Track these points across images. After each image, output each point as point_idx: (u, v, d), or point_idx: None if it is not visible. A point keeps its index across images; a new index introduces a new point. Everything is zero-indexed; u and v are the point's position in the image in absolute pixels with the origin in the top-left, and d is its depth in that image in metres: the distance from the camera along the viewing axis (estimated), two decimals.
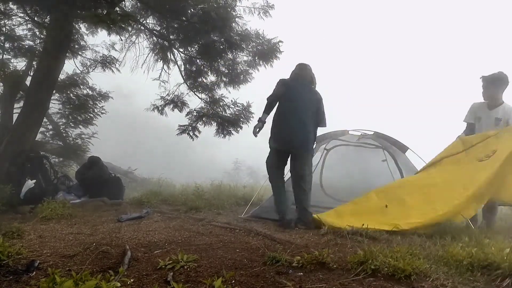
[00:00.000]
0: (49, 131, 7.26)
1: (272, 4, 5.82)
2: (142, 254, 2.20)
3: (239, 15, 5.67)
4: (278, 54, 6.13)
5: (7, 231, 2.67)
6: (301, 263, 1.97)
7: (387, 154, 4.87)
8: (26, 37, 6.31)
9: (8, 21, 5.88)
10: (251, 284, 1.73)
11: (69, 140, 7.13)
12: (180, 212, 4.08)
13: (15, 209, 4.17)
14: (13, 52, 6.12)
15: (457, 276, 1.85)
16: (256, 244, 2.49)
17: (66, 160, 7.40)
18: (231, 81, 6.66)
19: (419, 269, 1.83)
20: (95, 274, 1.76)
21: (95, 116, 7.06)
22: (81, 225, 3.26)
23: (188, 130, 6.85)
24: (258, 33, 6.00)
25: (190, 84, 6.81)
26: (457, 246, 2.23)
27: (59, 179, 5.35)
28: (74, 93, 7.01)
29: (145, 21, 6.37)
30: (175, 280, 1.72)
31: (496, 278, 1.80)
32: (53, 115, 7.17)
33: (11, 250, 1.94)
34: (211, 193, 5.44)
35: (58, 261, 2.05)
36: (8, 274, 1.77)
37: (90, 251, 2.25)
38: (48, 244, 2.46)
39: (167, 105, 6.93)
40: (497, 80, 3.77)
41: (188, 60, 6.69)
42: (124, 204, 4.57)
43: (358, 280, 1.78)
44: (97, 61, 6.89)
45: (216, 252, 2.29)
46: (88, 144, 7.21)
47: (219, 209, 4.34)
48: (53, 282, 1.47)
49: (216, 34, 5.57)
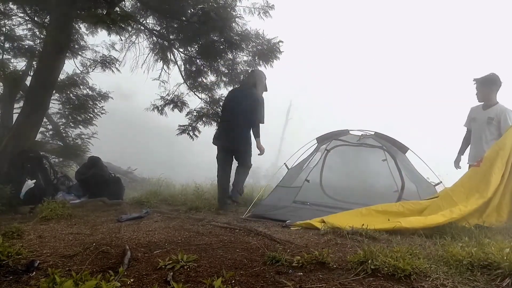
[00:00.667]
0: (49, 131, 7.25)
1: (272, 4, 5.82)
2: (142, 254, 2.20)
3: (239, 15, 5.66)
4: (278, 54, 6.12)
5: (7, 231, 2.67)
6: (301, 263, 1.97)
7: (387, 154, 4.88)
8: (26, 37, 6.32)
9: (8, 21, 5.88)
10: (251, 284, 1.73)
11: (69, 140, 7.13)
12: (180, 212, 4.08)
13: (15, 209, 4.17)
14: (13, 52, 6.12)
15: (457, 276, 1.85)
16: (256, 244, 2.48)
17: (66, 160, 7.40)
18: (231, 81, 6.66)
19: (419, 268, 1.83)
20: (95, 274, 1.76)
21: (95, 116, 7.07)
22: (81, 225, 3.26)
23: (188, 130, 6.85)
24: (258, 33, 6.00)
25: (190, 84, 6.81)
26: (457, 246, 2.22)
27: (59, 179, 5.35)
28: (74, 93, 7.01)
29: (145, 21, 6.37)
30: (175, 280, 1.72)
31: (496, 278, 1.79)
32: (53, 115, 7.17)
33: (11, 250, 1.93)
34: (211, 193, 5.44)
35: (58, 261, 2.05)
36: (8, 274, 1.77)
37: (90, 251, 2.25)
38: (48, 244, 2.45)
39: (167, 105, 6.93)
40: (489, 81, 3.87)
41: (188, 60, 6.69)
42: (124, 204, 4.56)
43: (358, 280, 1.78)
44: (97, 61, 6.89)
45: (216, 252, 2.28)
46: (88, 144, 7.20)
47: (219, 209, 4.33)
48: (53, 282, 1.47)
49: (216, 34, 5.57)
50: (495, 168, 3.29)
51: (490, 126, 3.87)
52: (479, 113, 4.03)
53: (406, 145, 4.65)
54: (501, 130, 3.78)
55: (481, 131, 3.98)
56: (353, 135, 4.96)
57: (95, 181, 5.16)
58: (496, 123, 3.83)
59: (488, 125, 3.87)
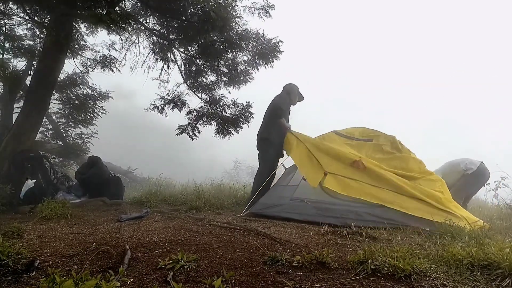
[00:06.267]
0: (49, 131, 7.27)
1: (272, 4, 5.83)
2: (142, 254, 2.20)
3: (239, 15, 5.67)
4: (278, 54, 6.13)
5: (7, 231, 2.68)
6: (301, 263, 1.97)
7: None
8: (26, 37, 6.33)
9: (8, 21, 5.88)
10: (251, 283, 1.73)
11: (69, 140, 7.14)
12: (180, 212, 4.08)
13: (15, 209, 4.18)
14: (13, 52, 6.12)
15: (457, 276, 1.84)
16: (256, 244, 2.48)
17: (66, 160, 7.41)
18: (231, 81, 6.66)
19: (419, 268, 1.83)
20: (95, 274, 1.76)
21: (95, 116, 7.08)
22: (81, 225, 3.26)
23: (188, 130, 6.85)
24: (258, 33, 6.00)
25: (190, 84, 6.81)
26: (457, 246, 2.23)
27: (59, 179, 5.35)
28: (74, 92, 7.03)
29: (145, 20, 6.37)
30: (175, 280, 1.72)
31: (496, 278, 1.79)
32: (53, 115, 7.18)
33: (11, 250, 1.94)
34: (211, 193, 5.44)
35: (58, 261, 2.05)
36: (8, 274, 1.77)
37: (90, 251, 2.25)
38: (48, 244, 2.46)
39: (167, 105, 6.94)
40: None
41: (188, 60, 6.69)
42: (124, 204, 4.56)
43: (358, 279, 1.78)
44: (97, 61, 6.90)
45: (216, 252, 2.28)
46: (88, 144, 7.22)
47: (219, 209, 4.34)
48: (53, 282, 1.47)
49: (216, 34, 5.56)
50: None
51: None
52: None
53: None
54: None
55: None
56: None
57: (95, 181, 5.16)
58: None
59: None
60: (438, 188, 3.74)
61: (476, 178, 4.70)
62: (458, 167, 4.77)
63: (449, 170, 4.79)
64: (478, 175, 4.69)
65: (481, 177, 4.74)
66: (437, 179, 3.89)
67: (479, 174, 4.68)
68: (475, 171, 4.66)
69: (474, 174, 4.65)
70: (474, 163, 4.74)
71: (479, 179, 4.75)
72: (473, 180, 4.69)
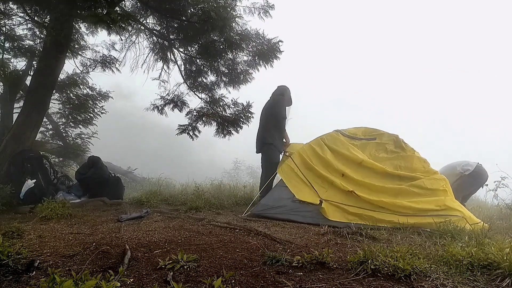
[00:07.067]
0: (49, 131, 7.27)
1: (272, 4, 5.83)
2: (142, 254, 2.20)
3: (239, 15, 5.66)
4: (278, 54, 6.13)
5: (7, 231, 2.68)
6: (301, 263, 1.97)
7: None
8: (26, 37, 6.33)
9: (8, 21, 5.88)
10: (251, 284, 1.73)
11: (69, 140, 7.14)
12: (180, 212, 4.08)
13: (15, 209, 4.17)
14: (13, 52, 6.13)
15: (457, 276, 1.85)
16: (256, 244, 2.48)
17: (66, 160, 7.41)
18: (231, 81, 6.66)
19: (419, 268, 1.83)
20: (95, 274, 1.76)
21: (95, 116, 7.08)
22: (81, 225, 3.26)
23: (188, 129, 6.85)
24: (258, 33, 6.00)
25: (190, 84, 6.81)
26: (457, 246, 2.23)
27: (59, 179, 5.35)
28: (74, 93, 7.03)
29: (145, 21, 6.38)
30: (175, 280, 1.72)
31: (496, 278, 1.80)
32: (53, 115, 7.18)
33: (11, 250, 1.94)
34: (211, 193, 5.43)
35: (58, 261, 2.05)
36: (8, 274, 1.77)
37: (90, 251, 2.25)
38: (48, 244, 2.46)
39: (167, 105, 6.94)
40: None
41: (188, 60, 6.69)
42: (124, 204, 4.56)
43: (358, 280, 1.78)
44: (97, 61, 6.90)
45: (216, 252, 2.29)
46: (88, 144, 7.22)
47: (218, 209, 4.34)
48: (53, 282, 1.47)
49: (216, 34, 5.56)
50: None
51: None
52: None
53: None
54: None
55: None
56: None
57: (95, 181, 5.16)
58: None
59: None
60: (442, 187, 3.73)
61: (473, 179, 4.73)
62: (455, 169, 4.82)
63: (446, 173, 4.81)
64: (475, 176, 4.72)
65: (478, 177, 4.78)
66: (441, 178, 3.86)
67: (476, 174, 4.72)
68: (472, 172, 4.69)
69: (471, 174, 4.69)
70: (471, 164, 4.78)
71: (476, 179, 4.79)
72: (470, 180, 4.73)
